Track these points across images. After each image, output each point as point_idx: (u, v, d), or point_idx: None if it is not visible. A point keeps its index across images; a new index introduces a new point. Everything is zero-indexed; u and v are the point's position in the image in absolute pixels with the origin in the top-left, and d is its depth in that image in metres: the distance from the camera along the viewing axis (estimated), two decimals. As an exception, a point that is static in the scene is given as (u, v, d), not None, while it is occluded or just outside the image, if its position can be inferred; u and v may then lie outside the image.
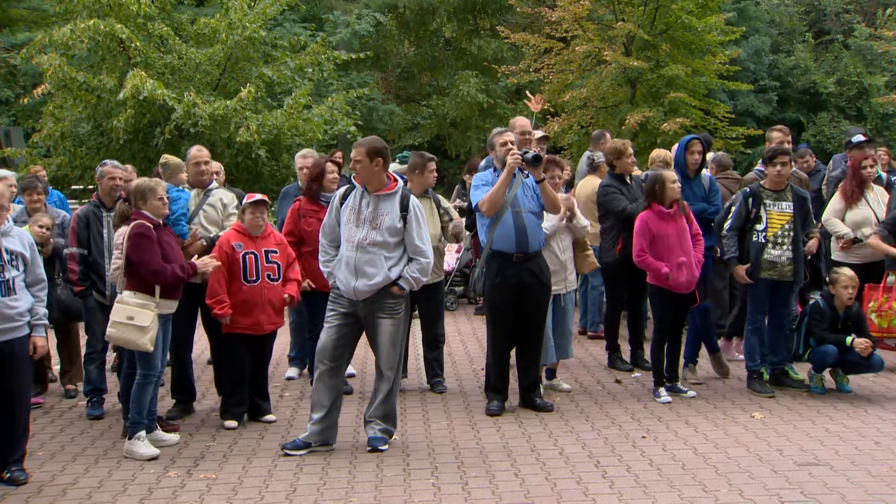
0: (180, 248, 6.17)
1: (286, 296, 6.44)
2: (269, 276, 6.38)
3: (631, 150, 7.98)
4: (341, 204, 5.90)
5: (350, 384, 7.15)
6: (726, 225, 7.07)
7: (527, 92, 13.24)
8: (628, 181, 7.95)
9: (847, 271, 7.14)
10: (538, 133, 9.55)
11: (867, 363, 6.89)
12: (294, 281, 6.55)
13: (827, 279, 7.35)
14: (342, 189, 6.03)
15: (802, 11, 29.75)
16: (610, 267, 8.04)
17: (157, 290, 5.75)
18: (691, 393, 7.05)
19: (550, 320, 7.01)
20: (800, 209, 7.06)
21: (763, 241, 6.96)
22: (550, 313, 6.99)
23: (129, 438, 5.75)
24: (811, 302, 7.31)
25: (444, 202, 7.54)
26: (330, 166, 7.19)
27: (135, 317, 5.64)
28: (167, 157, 7.06)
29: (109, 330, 5.72)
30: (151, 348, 5.66)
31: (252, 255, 6.32)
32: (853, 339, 6.83)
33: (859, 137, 8.51)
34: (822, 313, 7.04)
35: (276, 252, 6.45)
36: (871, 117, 25.78)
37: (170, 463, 5.61)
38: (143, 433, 5.73)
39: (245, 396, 6.45)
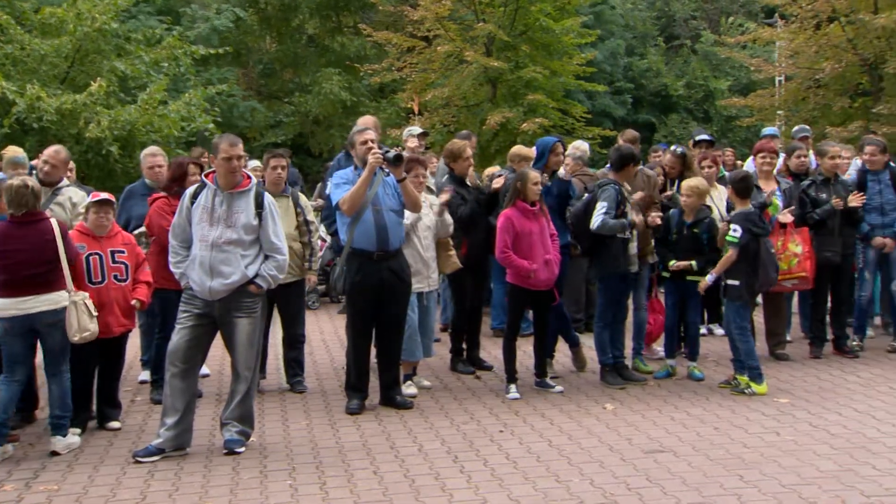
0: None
1: (134, 301, 6.22)
2: (115, 276, 6.14)
3: (469, 153, 8.03)
4: (192, 203, 5.75)
5: (200, 388, 6.96)
6: (598, 216, 7.17)
7: (412, 94, 13.33)
8: (467, 182, 8.02)
9: (691, 181, 7.43)
10: (417, 129, 9.60)
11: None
12: (143, 283, 6.32)
13: None
14: (192, 187, 5.88)
15: (654, 17, 31.07)
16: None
17: None
18: (558, 388, 7.21)
19: (416, 319, 7.05)
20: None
21: (629, 236, 7.22)
22: (416, 311, 7.03)
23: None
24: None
25: (304, 200, 7.47)
26: (192, 167, 6.98)
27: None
28: (9, 150, 6.73)
29: None
30: None
31: (96, 257, 6.07)
32: (675, 263, 7.25)
33: (703, 136, 8.93)
34: (667, 221, 7.40)
35: (123, 252, 6.21)
36: (716, 119, 27.18)
37: (6, 476, 5.32)
38: None
39: (91, 403, 6.19)
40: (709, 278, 7.12)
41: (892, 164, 8.37)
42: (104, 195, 6.22)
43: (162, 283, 6.51)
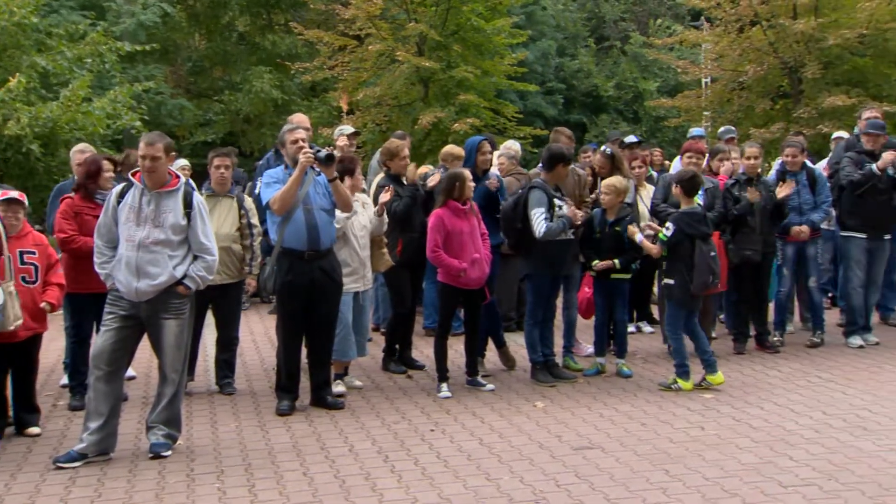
0: None
1: (44, 304, 6.06)
2: (24, 278, 5.97)
3: (406, 153, 8.04)
4: (118, 202, 5.64)
5: (126, 391, 6.83)
6: (539, 225, 7.20)
7: (341, 91, 13.26)
8: (404, 181, 8.03)
9: (610, 179, 7.54)
10: (348, 129, 9.55)
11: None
12: (55, 285, 6.15)
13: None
14: (119, 187, 5.77)
15: (585, 18, 31.46)
16: (391, 269, 7.87)
17: None
18: (490, 386, 7.24)
19: (350, 318, 7.03)
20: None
21: (571, 236, 7.30)
22: (351, 311, 7.01)
23: None
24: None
25: (248, 202, 7.39)
26: (107, 164, 6.86)
27: None
28: None
29: None
30: None
31: (3, 258, 5.89)
32: (597, 263, 7.39)
33: (631, 138, 9.10)
34: (590, 221, 7.50)
35: (33, 253, 6.05)
36: (645, 119, 27.64)
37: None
38: None
39: (6, 409, 6.02)
40: (639, 237, 7.26)
41: (807, 163, 8.64)
42: (14, 193, 6.05)
43: (72, 286, 6.37)
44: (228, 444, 5.88)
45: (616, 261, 7.40)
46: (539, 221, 7.10)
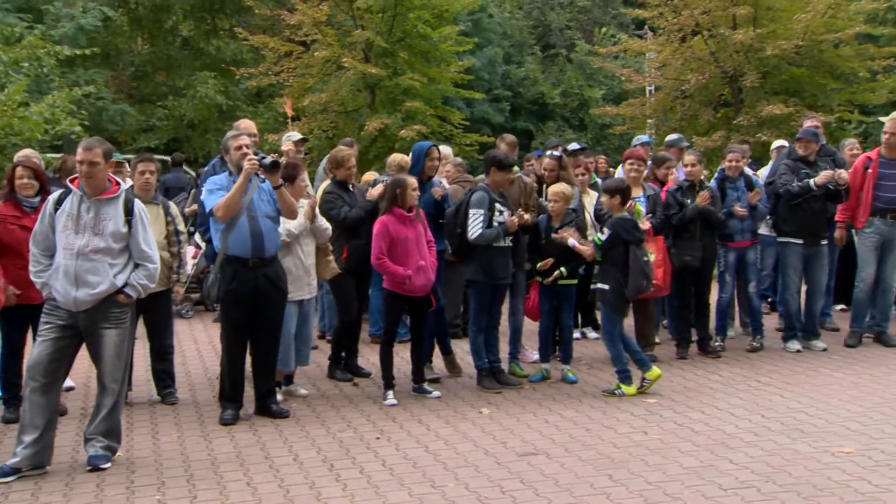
0: None
1: None
2: None
3: (353, 161, 7.98)
4: (56, 209, 5.52)
5: (64, 403, 6.68)
6: (474, 229, 7.20)
7: (285, 96, 13.13)
8: (351, 188, 7.99)
9: (557, 186, 7.61)
10: (296, 135, 9.48)
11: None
12: None
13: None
14: (56, 193, 5.65)
15: (531, 26, 31.69)
16: (337, 276, 7.76)
17: None
18: (436, 393, 7.24)
19: (293, 327, 6.98)
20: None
21: (508, 244, 7.34)
22: (294, 319, 6.95)
23: None
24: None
25: (174, 209, 7.29)
26: (20, 171, 6.63)
27: None
28: None
29: None
30: None
31: None
32: (540, 265, 7.46)
33: (574, 146, 9.19)
34: (536, 227, 7.58)
35: None
36: (591, 127, 27.91)
37: None
38: None
39: None
40: (571, 241, 7.34)
41: (745, 170, 8.82)
42: None
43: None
44: (170, 455, 5.79)
45: (563, 269, 7.46)
46: (475, 225, 7.14)
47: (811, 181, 8.44)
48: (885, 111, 13.94)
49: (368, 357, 8.39)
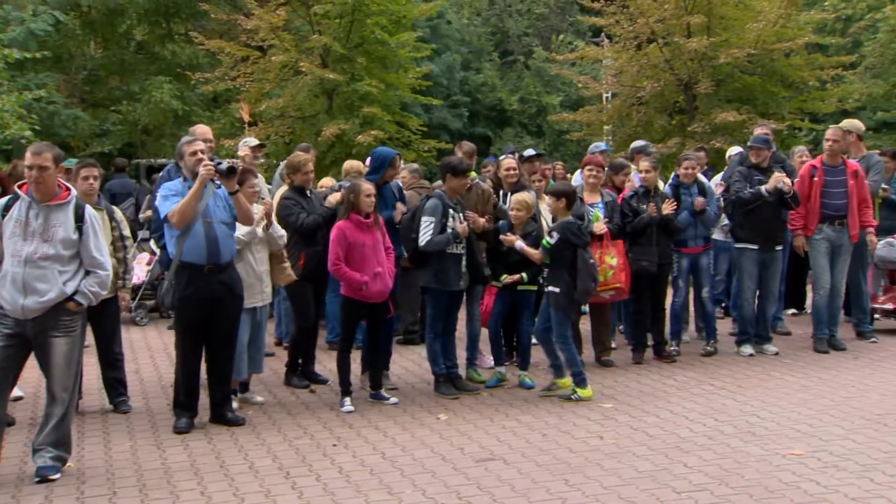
0: None
1: None
2: None
3: (310, 167, 7.95)
4: (3, 216, 5.42)
5: (11, 413, 6.54)
6: (423, 234, 7.22)
7: (241, 102, 13.03)
8: (308, 194, 7.94)
9: (520, 195, 7.63)
10: (253, 141, 9.40)
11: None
12: None
13: None
14: (4, 199, 5.54)
15: (489, 32, 31.89)
16: (293, 282, 7.63)
17: None
18: (393, 400, 7.22)
19: (246, 335, 6.92)
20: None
21: (460, 251, 7.34)
22: (247, 327, 6.89)
23: None
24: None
25: (119, 215, 7.22)
26: None
27: None
28: None
29: None
30: None
31: None
32: (505, 277, 7.49)
33: (530, 151, 9.22)
34: (496, 234, 7.59)
35: None
36: (548, 133, 28.13)
37: None
38: None
39: None
40: (519, 244, 7.36)
41: (699, 177, 8.94)
42: None
43: None
44: (122, 465, 5.70)
45: (524, 274, 7.48)
46: (425, 230, 7.15)
47: (763, 188, 8.58)
48: (834, 119, 14.23)
49: (325, 363, 8.34)
